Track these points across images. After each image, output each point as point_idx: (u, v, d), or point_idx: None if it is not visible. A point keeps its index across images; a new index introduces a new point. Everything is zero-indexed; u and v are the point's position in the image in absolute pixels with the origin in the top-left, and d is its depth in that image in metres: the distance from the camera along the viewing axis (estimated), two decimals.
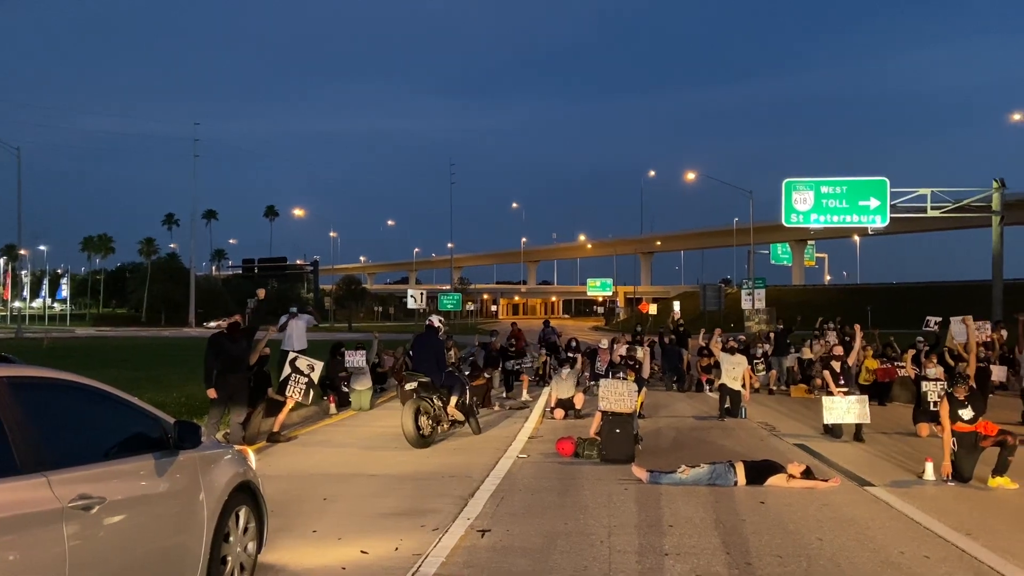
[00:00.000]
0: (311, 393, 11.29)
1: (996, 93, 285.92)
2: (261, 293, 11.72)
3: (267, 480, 7.24)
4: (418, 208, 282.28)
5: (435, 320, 11.53)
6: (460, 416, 10.93)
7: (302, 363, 11.28)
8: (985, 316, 20.21)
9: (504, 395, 16.50)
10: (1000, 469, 7.91)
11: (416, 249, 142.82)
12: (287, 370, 11.25)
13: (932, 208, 28.43)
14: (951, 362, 13.35)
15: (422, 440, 10.06)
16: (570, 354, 17.19)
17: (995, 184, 28.22)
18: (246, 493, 4.87)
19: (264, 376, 10.95)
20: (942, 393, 10.16)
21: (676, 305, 56.29)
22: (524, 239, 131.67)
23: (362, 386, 14.24)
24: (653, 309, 65.57)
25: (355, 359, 14.30)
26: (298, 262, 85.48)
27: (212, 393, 9.66)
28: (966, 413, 8.16)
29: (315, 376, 11.38)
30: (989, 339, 15.96)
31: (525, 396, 16.02)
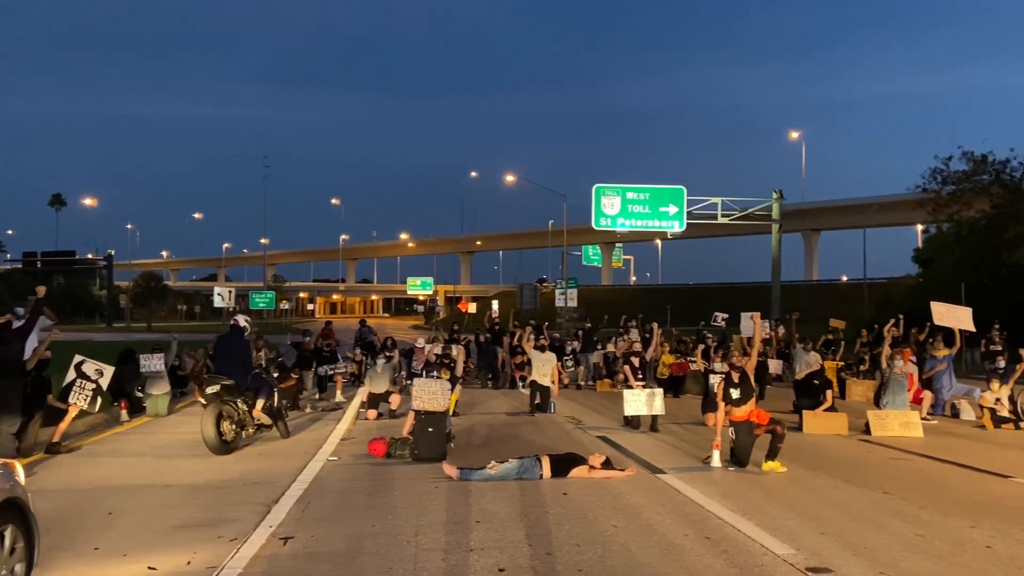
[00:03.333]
0: (98, 400, 10.48)
1: (778, 112, 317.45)
2: (41, 291, 10.67)
3: (44, 495, 6.62)
4: (229, 202, 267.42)
5: (241, 320, 11.03)
6: (267, 420, 10.52)
7: (89, 367, 10.43)
8: (766, 314, 22.37)
9: (317, 396, 16.08)
10: (771, 454, 8.80)
11: (226, 245, 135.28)
12: (71, 374, 10.34)
13: (722, 215, 30.99)
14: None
15: (224, 446, 9.59)
16: (387, 353, 17.03)
17: (775, 195, 31.29)
18: (13, 511, 4.45)
19: (44, 382, 9.98)
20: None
21: (495, 304, 57.39)
22: (344, 236, 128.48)
23: (159, 391, 13.32)
24: (472, 308, 66.52)
25: (151, 363, 13.33)
26: (89, 256, 78.00)
27: None
28: (735, 392, 9.01)
29: (104, 381, 10.55)
30: (768, 336, 17.68)
31: (339, 397, 15.71)
